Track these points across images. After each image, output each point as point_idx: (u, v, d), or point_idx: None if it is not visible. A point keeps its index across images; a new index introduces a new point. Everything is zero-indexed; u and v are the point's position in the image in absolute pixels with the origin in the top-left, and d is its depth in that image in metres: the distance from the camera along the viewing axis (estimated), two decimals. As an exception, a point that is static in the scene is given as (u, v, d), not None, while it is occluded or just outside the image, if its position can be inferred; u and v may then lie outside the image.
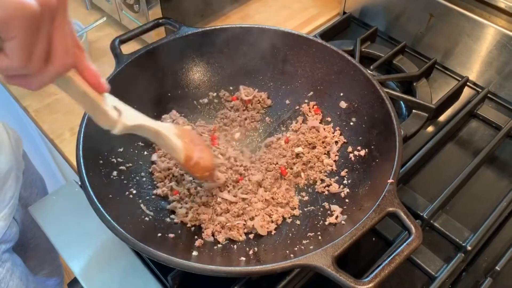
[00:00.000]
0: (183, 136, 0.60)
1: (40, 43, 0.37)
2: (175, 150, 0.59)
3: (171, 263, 0.50)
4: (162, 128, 0.57)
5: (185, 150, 0.59)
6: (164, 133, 0.56)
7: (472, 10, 0.87)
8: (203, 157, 0.62)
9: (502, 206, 0.70)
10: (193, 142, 0.62)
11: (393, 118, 0.64)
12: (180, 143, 0.58)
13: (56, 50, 0.38)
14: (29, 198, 0.96)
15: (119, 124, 0.49)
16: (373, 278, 0.47)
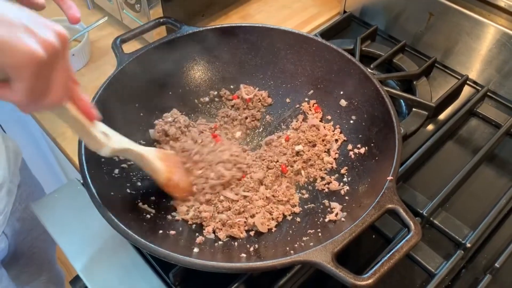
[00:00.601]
0: (165, 160, 0.65)
1: (42, 83, 0.41)
2: (156, 172, 0.64)
3: (172, 260, 0.51)
4: (146, 152, 0.62)
5: (166, 172, 0.64)
6: (147, 156, 0.62)
7: (471, 9, 0.87)
8: (183, 179, 0.67)
9: (501, 204, 0.70)
10: (174, 165, 0.67)
11: (393, 116, 0.64)
12: (162, 165, 0.64)
13: (54, 88, 0.43)
14: (25, 211, 0.95)
15: (107, 147, 0.55)
16: (373, 274, 0.48)
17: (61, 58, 0.42)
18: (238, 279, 0.60)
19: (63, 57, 0.42)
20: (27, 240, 0.98)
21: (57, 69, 0.42)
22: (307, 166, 0.72)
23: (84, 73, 0.95)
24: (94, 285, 0.64)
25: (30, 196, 0.97)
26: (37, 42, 0.39)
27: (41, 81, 0.41)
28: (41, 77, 0.40)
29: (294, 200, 0.68)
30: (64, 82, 0.44)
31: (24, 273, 1.02)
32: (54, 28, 0.41)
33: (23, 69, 0.38)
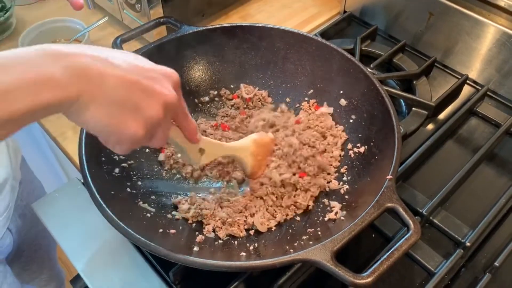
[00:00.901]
0: (258, 153, 0.68)
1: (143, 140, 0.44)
2: (245, 168, 0.68)
3: (172, 258, 0.51)
4: (239, 152, 0.66)
5: (254, 167, 0.68)
6: (239, 156, 0.66)
7: (471, 9, 0.87)
8: (262, 168, 0.70)
9: (501, 203, 0.70)
10: (265, 157, 0.70)
11: (392, 115, 0.64)
12: (251, 163, 0.67)
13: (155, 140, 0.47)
14: (26, 208, 0.96)
15: (200, 164, 0.64)
16: (372, 272, 0.48)
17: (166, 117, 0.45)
18: (238, 278, 0.60)
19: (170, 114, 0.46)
20: (28, 237, 0.99)
21: (163, 125, 0.45)
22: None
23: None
24: (95, 284, 0.65)
25: (31, 193, 0.98)
26: (140, 121, 0.41)
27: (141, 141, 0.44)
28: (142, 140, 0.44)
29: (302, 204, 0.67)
30: (164, 136, 0.47)
31: (26, 271, 1.02)
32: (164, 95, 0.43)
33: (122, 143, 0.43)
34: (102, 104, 0.39)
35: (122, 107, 0.40)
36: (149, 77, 0.42)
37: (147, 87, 0.42)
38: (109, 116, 0.40)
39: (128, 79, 0.40)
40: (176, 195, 0.69)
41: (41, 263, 1.09)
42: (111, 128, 0.41)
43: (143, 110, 0.41)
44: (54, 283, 1.16)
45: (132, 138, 0.42)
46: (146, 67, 0.43)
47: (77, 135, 0.62)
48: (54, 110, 0.38)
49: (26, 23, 1.04)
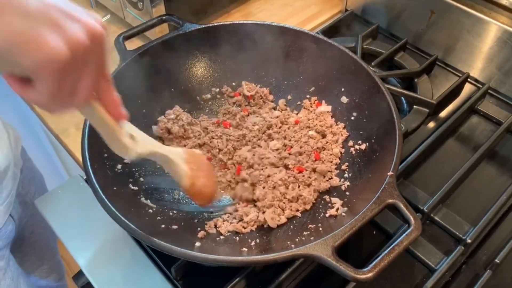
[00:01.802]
0: (191, 162, 0.61)
1: (67, 85, 0.38)
2: (181, 176, 0.60)
3: (174, 253, 0.51)
4: (172, 154, 0.59)
5: (190, 177, 0.60)
6: (173, 159, 0.59)
7: (472, 7, 0.87)
8: (207, 185, 0.63)
9: (501, 200, 0.70)
10: (200, 168, 0.63)
11: (393, 112, 0.65)
12: (187, 170, 0.60)
13: (82, 89, 0.39)
14: (27, 195, 0.96)
15: (132, 152, 0.52)
16: (373, 268, 0.48)
17: (92, 56, 0.38)
18: (239, 273, 0.60)
19: (95, 55, 0.39)
20: (28, 225, 0.99)
21: (86, 69, 0.39)
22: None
23: None
24: (97, 281, 0.65)
25: (32, 181, 0.98)
26: (62, 40, 0.35)
27: (65, 82, 0.37)
28: (66, 78, 0.37)
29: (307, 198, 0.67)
30: (92, 83, 0.40)
31: (26, 261, 1.03)
32: (87, 22, 0.37)
33: (44, 70, 0.35)
34: (14, 15, 0.33)
35: (40, 20, 0.34)
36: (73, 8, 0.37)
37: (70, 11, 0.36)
38: (23, 26, 0.33)
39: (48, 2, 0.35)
40: (178, 191, 0.69)
41: (41, 254, 1.09)
42: (23, 39, 0.34)
43: (65, 29, 0.35)
44: (55, 275, 1.16)
45: (51, 55, 0.34)
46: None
47: (80, 132, 0.62)
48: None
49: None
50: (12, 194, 0.84)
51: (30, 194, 0.98)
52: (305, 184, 0.68)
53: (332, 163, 0.71)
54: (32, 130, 1.27)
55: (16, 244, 0.94)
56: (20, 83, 0.37)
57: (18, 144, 0.90)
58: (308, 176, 0.68)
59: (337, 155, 0.72)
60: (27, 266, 1.05)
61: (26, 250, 1.03)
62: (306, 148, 0.72)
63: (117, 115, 0.47)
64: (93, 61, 0.39)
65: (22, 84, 0.37)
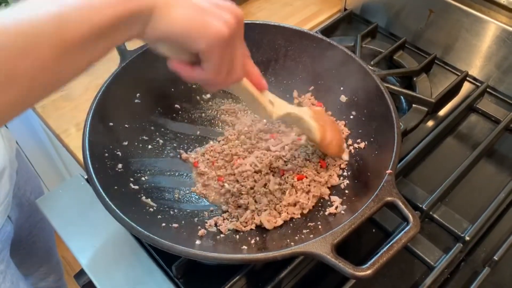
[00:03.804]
0: (317, 119, 0.67)
1: (227, 61, 0.45)
2: (312, 131, 0.66)
3: (174, 251, 0.51)
4: (303, 114, 0.65)
5: (320, 131, 0.66)
6: (305, 118, 0.65)
7: (471, 6, 0.88)
8: (335, 137, 0.69)
9: (500, 198, 0.71)
10: (327, 123, 0.68)
11: (392, 110, 0.65)
12: (316, 125, 0.66)
13: (236, 66, 0.47)
14: (23, 197, 0.97)
15: (274, 114, 0.59)
16: (371, 265, 0.49)
17: (239, 36, 0.45)
18: (239, 272, 0.61)
19: (240, 36, 0.46)
20: (26, 227, 0.99)
21: (237, 47, 0.46)
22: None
23: (87, 71, 0.95)
24: (98, 279, 0.66)
25: (27, 182, 0.99)
26: (222, 23, 0.42)
27: (226, 59, 0.44)
28: (227, 56, 0.44)
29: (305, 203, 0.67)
30: (241, 61, 0.47)
31: (25, 264, 1.03)
32: (232, 9, 0.44)
33: (213, 49, 0.42)
34: (184, 7, 0.41)
35: (203, 9, 0.42)
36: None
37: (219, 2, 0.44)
38: (194, 15, 0.41)
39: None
40: (178, 190, 0.70)
41: (39, 256, 1.09)
42: (196, 25, 0.41)
43: (222, 15, 0.43)
44: (53, 276, 1.16)
45: (218, 36, 0.42)
46: None
47: (81, 132, 0.63)
48: (138, 20, 0.39)
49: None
50: (10, 195, 0.84)
51: (26, 195, 0.98)
52: (304, 191, 0.68)
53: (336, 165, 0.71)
54: (32, 131, 1.28)
55: (14, 246, 0.95)
56: (188, 67, 0.46)
57: (12, 146, 0.90)
58: (307, 184, 0.68)
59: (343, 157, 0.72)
60: (26, 268, 1.05)
61: (24, 252, 1.03)
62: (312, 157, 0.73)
63: (259, 86, 0.55)
64: (240, 40, 0.46)
65: (190, 67, 0.45)
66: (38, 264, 1.10)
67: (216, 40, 0.42)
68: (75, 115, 0.88)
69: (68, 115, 0.88)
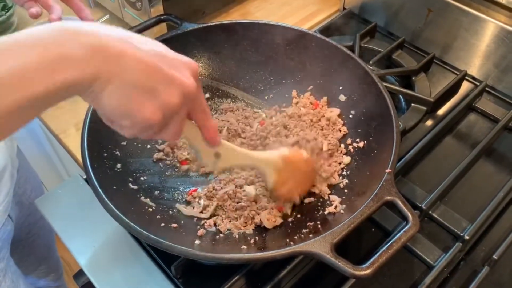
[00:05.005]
0: (285, 170, 0.62)
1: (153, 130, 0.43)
2: (267, 181, 0.63)
3: (174, 251, 0.51)
4: (260, 163, 0.61)
5: (276, 183, 0.63)
6: (261, 169, 0.61)
7: (469, 5, 0.88)
8: (291, 191, 0.64)
9: (499, 197, 0.71)
10: (294, 174, 0.64)
11: (391, 109, 0.65)
12: (275, 178, 0.62)
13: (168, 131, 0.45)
14: (23, 195, 0.97)
15: (216, 169, 0.57)
16: (371, 264, 0.49)
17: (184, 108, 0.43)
18: (239, 271, 0.61)
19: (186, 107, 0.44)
20: (25, 226, 0.99)
21: (176, 118, 0.44)
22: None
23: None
24: (97, 280, 0.65)
25: (28, 180, 0.99)
26: (157, 106, 0.40)
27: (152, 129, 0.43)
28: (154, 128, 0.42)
29: None
30: (178, 129, 0.45)
31: (24, 262, 1.03)
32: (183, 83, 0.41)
33: (137, 127, 0.41)
34: (120, 86, 0.38)
35: (140, 89, 0.39)
36: (170, 64, 0.41)
37: (167, 73, 0.41)
38: (126, 97, 0.39)
39: (148, 62, 0.39)
40: (177, 190, 0.69)
41: (39, 254, 1.09)
42: (127, 110, 0.39)
43: (161, 95, 0.40)
44: (53, 274, 1.16)
45: (147, 122, 0.41)
46: (167, 54, 0.42)
47: (79, 132, 0.63)
48: (72, 91, 0.37)
49: (27, 22, 1.04)
50: (10, 194, 0.84)
51: (27, 194, 0.98)
52: None
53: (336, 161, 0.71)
54: (31, 131, 1.27)
55: (14, 245, 0.95)
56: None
57: (13, 144, 0.90)
58: None
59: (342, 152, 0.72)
60: (26, 267, 1.05)
61: (24, 251, 1.03)
62: None
63: (209, 141, 0.52)
64: (184, 111, 0.44)
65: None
66: (37, 263, 1.10)
67: (141, 124, 0.41)
68: (74, 115, 0.88)
69: (67, 115, 0.88)
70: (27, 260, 1.05)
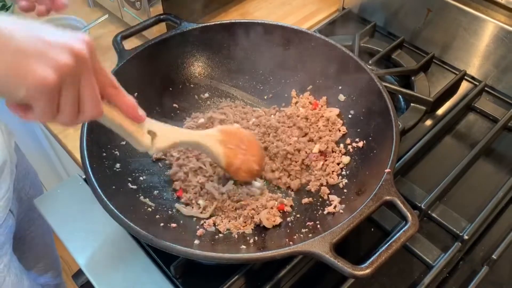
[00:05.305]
0: (228, 142, 0.62)
1: (66, 102, 0.41)
2: (216, 157, 0.61)
3: (173, 251, 0.51)
4: (202, 139, 0.60)
5: (227, 157, 0.62)
6: (203, 143, 0.60)
7: (469, 5, 0.88)
8: (247, 160, 0.63)
9: (498, 197, 0.71)
10: (239, 146, 0.63)
11: (390, 109, 0.65)
12: (222, 150, 0.61)
13: (85, 104, 0.42)
14: (22, 191, 0.97)
15: (153, 148, 0.54)
16: (371, 264, 0.49)
17: (83, 73, 0.41)
18: (238, 271, 0.61)
19: (86, 71, 0.41)
20: (25, 221, 1.00)
21: (84, 85, 0.41)
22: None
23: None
24: (97, 279, 0.65)
25: (26, 176, 0.99)
26: (49, 67, 0.38)
27: (63, 101, 0.40)
28: (62, 98, 0.40)
29: None
30: (93, 97, 0.43)
31: (24, 259, 1.03)
32: (70, 45, 0.39)
33: (37, 95, 0.38)
34: (3, 52, 0.37)
35: (26, 53, 0.37)
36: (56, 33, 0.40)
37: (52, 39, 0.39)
38: (12, 62, 0.37)
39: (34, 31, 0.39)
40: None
41: (38, 251, 1.09)
42: (17, 74, 0.37)
43: (48, 55, 0.38)
44: (52, 271, 1.16)
45: (41, 84, 0.37)
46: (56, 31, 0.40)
47: (78, 132, 0.63)
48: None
49: (26, 21, 1.04)
50: (11, 189, 0.85)
51: (25, 190, 0.98)
52: None
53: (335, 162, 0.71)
54: (30, 131, 1.27)
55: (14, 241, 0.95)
56: (21, 108, 0.41)
57: (11, 140, 0.90)
58: None
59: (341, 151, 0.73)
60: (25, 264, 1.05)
61: (23, 248, 1.03)
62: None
63: (134, 118, 0.50)
64: (86, 76, 0.41)
65: (22, 109, 0.41)
66: (36, 260, 1.10)
67: (37, 88, 0.38)
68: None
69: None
70: (26, 257, 1.05)
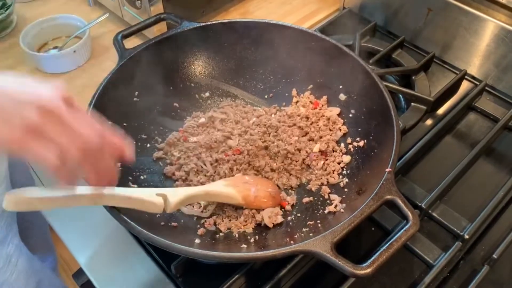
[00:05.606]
0: (234, 184, 0.64)
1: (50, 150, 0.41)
2: (231, 198, 0.63)
3: (174, 250, 0.51)
4: (209, 187, 0.63)
5: (240, 192, 0.63)
6: (213, 191, 0.62)
7: (469, 4, 0.88)
8: (259, 189, 0.65)
9: (499, 196, 0.71)
10: (247, 183, 0.66)
11: (391, 109, 0.65)
12: (232, 189, 0.63)
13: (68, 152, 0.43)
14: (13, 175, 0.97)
15: (171, 204, 0.56)
16: (371, 263, 0.49)
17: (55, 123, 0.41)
18: (238, 270, 0.61)
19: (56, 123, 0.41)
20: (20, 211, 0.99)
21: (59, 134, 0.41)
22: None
23: (86, 69, 0.96)
24: (97, 278, 0.65)
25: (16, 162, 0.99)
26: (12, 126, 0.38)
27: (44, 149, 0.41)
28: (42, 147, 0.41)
29: None
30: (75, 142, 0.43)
31: None
32: (38, 101, 0.39)
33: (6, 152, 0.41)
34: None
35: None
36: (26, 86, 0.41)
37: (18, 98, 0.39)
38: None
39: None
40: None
41: (33, 243, 1.09)
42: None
43: (13, 114, 0.38)
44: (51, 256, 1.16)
45: (11, 143, 0.39)
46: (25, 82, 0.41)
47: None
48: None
49: (27, 21, 1.04)
50: (7, 175, 0.85)
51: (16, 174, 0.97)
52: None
53: (335, 161, 0.71)
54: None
55: None
56: None
57: None
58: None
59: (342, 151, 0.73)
60: None
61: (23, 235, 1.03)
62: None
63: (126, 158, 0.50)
64: (58, 128, 0.41)
65: None
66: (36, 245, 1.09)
67: (5, 148, 0.39)
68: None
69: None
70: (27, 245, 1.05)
